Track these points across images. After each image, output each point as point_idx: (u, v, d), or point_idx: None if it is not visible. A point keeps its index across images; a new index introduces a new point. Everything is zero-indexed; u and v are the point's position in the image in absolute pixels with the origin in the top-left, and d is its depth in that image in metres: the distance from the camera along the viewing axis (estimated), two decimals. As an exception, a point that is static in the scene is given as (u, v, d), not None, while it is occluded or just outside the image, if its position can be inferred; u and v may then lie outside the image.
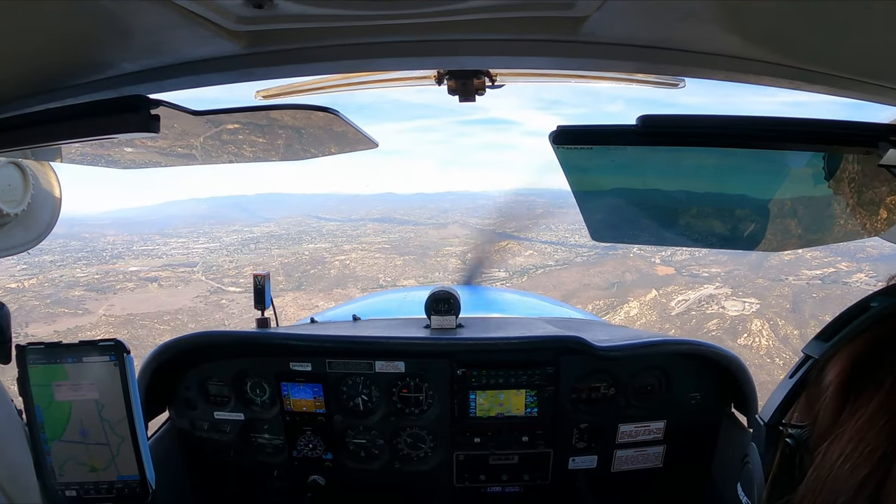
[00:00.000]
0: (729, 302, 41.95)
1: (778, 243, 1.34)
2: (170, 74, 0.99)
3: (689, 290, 45.22)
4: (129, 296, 51.23)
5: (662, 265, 51.64)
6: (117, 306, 47.98)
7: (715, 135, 0.98)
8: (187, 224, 79.98)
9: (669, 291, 45.18)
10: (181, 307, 48.37)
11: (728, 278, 46.69)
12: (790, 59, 0.92)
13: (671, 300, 43.94)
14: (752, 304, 40.86)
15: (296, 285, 53.47)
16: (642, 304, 43.54)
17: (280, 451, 2.55)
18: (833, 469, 0.69)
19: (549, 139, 0.99)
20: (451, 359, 2.41)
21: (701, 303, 43.06)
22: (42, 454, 1.76)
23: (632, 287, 48.37)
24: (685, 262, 50.95)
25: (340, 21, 0.84)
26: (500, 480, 2.55)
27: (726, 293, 43.49)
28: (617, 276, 52.27)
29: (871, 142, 0.94)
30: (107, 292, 51.01)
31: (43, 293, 47.72)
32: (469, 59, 1.06)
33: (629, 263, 52.83)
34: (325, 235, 72.06)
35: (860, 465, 0.66)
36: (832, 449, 0.71)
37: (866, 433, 0.68)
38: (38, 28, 0.81)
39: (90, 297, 49.44)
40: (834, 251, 43.61)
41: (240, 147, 1.58)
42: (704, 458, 2.55)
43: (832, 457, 0.70)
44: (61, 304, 46.80)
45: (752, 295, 42.40)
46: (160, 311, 46.99)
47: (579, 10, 0.79)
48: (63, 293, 49.08)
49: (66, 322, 43.28)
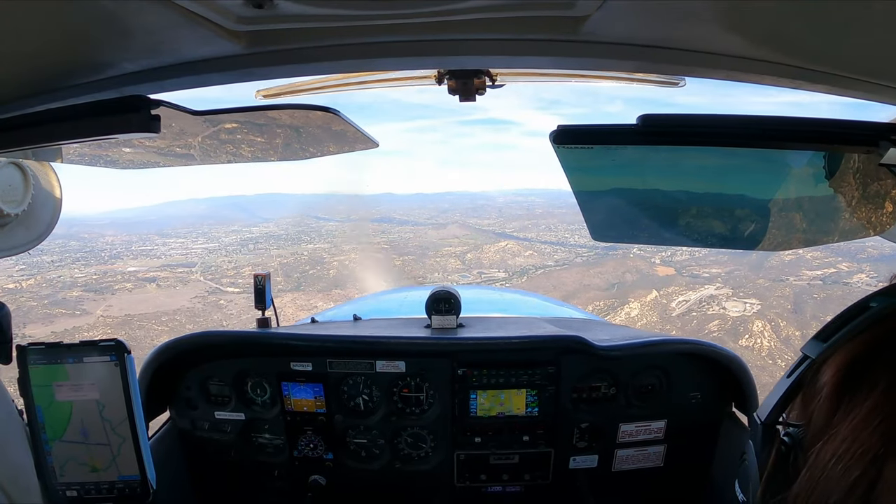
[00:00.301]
0: (730, 303, 41.89)
1: (778, 243, 1.34)
2: (170, 74, 0.99)
3: (689, 290, 45.16)
4: (127, 296, 51.19)
5: (663, 266, 51.58)
6: (115, 307, 47.94)
7: (715, 134, 0.98)
8: (186, 224, 79.93)
9: (670, 292, 45.11)
10: (179, 308, 48.32)
11: (729, 279, 46.60)
12: (791, 59, 0.92)
13: (672, 301, 43.88)
14: (753, 304, 40.79)
15: (294, 286, 53.40)
16: (643, 305, 43.50)
17: (281, 451, 2.55)
18: (826, 469, 0.69)
19: (549, 139, 0.99)
20: (451, 358, 2.42)
21: (702, 303, 43.00)
22: (43, 454, 1.76)
23: (632, 288, 48.27)
24: (685, 262, 50.86)
25: (340, 21, 0.84)
26: (501, 480, 2.55)
27: (727, 294, 43.42)
28: (617, 276, 52.19)
29: (872, 141, 0.94)
30: (105, 293, 50.96)
31: (41, 294, 47.69)
32: (469, 59, 1.05)
33: (629, 264, 52.76)
34: (325, 236, 72.03)
35: (852, 467, 0.66)
36: (825, 449, 0.71)
37: (859, 434, 0.68)
38: (39, 28, 0.81)
39: (88, 297, 49.40)
40: (835, 251, 43.59)
41: (240, 147, 1.58)
42: (705, 458, 2.55)
43: (825, 457, 0.70)
44: (59, 305, 46.76)
45: (753, 295, 42.33)
46: (158, 311, 46.94)
47: (579, 9, 0.79)
48: (61, 294, 49.03)
49: (63, 323, 43.27)
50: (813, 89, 0.97)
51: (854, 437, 0.68)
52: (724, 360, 2.40)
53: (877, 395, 0.69)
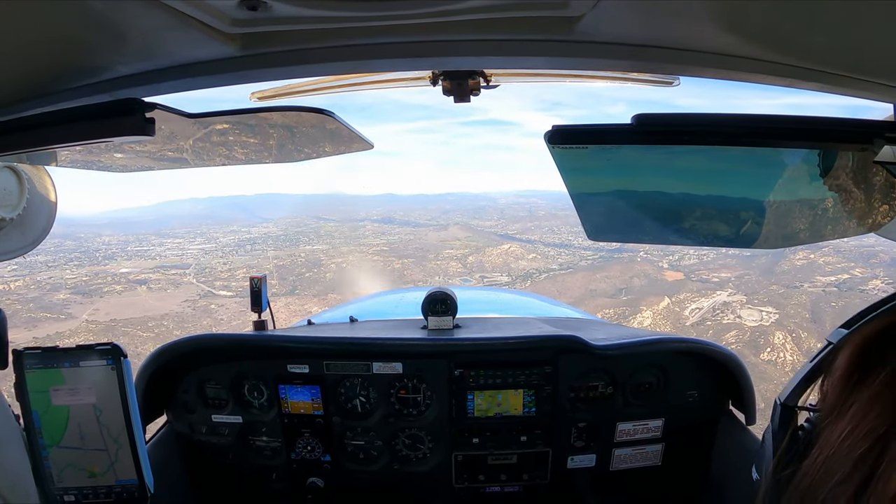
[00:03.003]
0: (745, 311, 40.81)
1: (773, 241, 1.34)
2: (164, 77, 0.99)
3: (701, 297, 43.94)
4: (116, 299, 50.17)
5: (670, 270, 50.61)
6: (102, 311, 46.91)
7: (710, 133, 0.98)
8: (185, 224, 79.36)
9: (682, 299, 43.93)
10: (168, 312, 47.24)
11: (740, 284, 45.75)
12: (783, 57, 0.93)
13: (685, 309, 42.69)
14: (769, 313, 39.74)
15: (289, 290, 52.69)
16: (655, 314, 42.31)
17: (278, 454, 2.54)
18: (833, 446, 0.71)
19: (544, 139, 0.99)
20: (448, 359, 2.42)
21: (715, 311, 41.80)
22: (40, 459, 1.75)
23: (643, 294, 47.14)
24: (693, 266, 49.98)
25: (334, 23, 0.84)
26: (499, 480, 2.55)
27: (741, 301, 42.29)
28: (624, 281, 51.39)
29: (866, 139, 0.95)
30: (93, 296, 49.94)
31: (28, 296, 46.72)
32: (463, 60, 1.05)
33: (636, 268, 51.94)
34: (324, 237, 71.61)
35: (858, 444, 0.68)
36: (835, 427, 0.73)
37: (867, 413, 0.70)
38: (32, 31, 0.81)
39: (75, 300, 48.29)
40: (846, 256, 43.18)
41: (233, 149, 1.58)
42: (703, 456, 2.55)
43: (834, 434, 0.72)
44: (45, 308, 45.82)
45: (768, 303, 41.34)
46: (145, 316, 45.85)
47: (573, 9, 0.79)
48: (48, 296, 48.07)
49: (46, 328, 42.41)
50: (805, 87, 0.97)
51: (862, 416, 0.70)
52: (720, 357, 2.41)
53: (886, 375, 0.71)
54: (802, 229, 1.30)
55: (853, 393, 0.74)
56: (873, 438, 0.67)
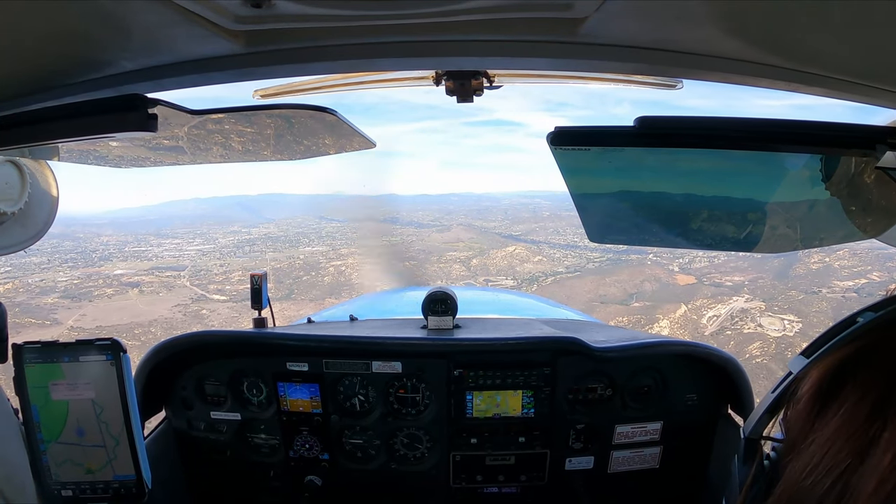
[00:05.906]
0: (765, 319, 39.15)
1: (775, 245, 1.34)
2: (168, 73, 0.99)
3: (717, 303, 41.57)
4: (105, 304, 48.09)
5: (682, 273, 48.44)
6: (89, 316, 45.17)
7: (712, 136, 0.98)
8: (185, 224, 78.80)
9: (698, 305, 41.73)
10: (157, 318, 45.06)
11: (755, 288, 43.84)
12: (787, 62, 0.92)
13: (702, 316, 40.54)
14: (792, 322, 38.03)
15: (286, 293, 51.17)
16: (672, 322, 40.50)
17: (276, 451, 2.54)
18: (797, 482, 0.71)
19: (546, 140, 0.99)
20: (448, 359, 2.41)
21: (734, 319, 39.95)
22: (38, 454, 1.76)
23: (656, 301, 44.65)
24: (705, 269, 47.78)
25: (338, 21, 0.84)
26: (497, 481, 2.55)
27: (760, 307, 40.12)
28: (635, 285, 49.52)
29: (869, 144, 0.95)
30: (82, 300, 47.91)
31: (15, 300, 44.43)
32: (467, 60, 1.05)
33: (647, 272, 50.05)
34: (324, 238, 71.10)
35: (820, 482, 0.67)
36: (797, 462, 0.72)
37: (829, 448, 0.69)
38: (37, 25, 0.81)
39: (63, 305, 46.29)
40: (863, 260, 42.07)
41: (235, 146, 1.58)
42: (701, 459, 2.55)
43: (797, 470, 0.71)
44: (30, 314, 43.85)
45: (789, 311, 39.10)
46: (133, 322, 43.69)
47: (578, 11, 0.79)
48: (35, 300, 46.06)
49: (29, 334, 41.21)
50: (809, 92, 0.97)
51: (823, 452, 0.69)
52: (719, 361, 2.40)
53: (847, 410, 0.70)
54: (803, 233, 1.30)
55: (814, 427, 0.73)
56: (835, 475, 0.66)
